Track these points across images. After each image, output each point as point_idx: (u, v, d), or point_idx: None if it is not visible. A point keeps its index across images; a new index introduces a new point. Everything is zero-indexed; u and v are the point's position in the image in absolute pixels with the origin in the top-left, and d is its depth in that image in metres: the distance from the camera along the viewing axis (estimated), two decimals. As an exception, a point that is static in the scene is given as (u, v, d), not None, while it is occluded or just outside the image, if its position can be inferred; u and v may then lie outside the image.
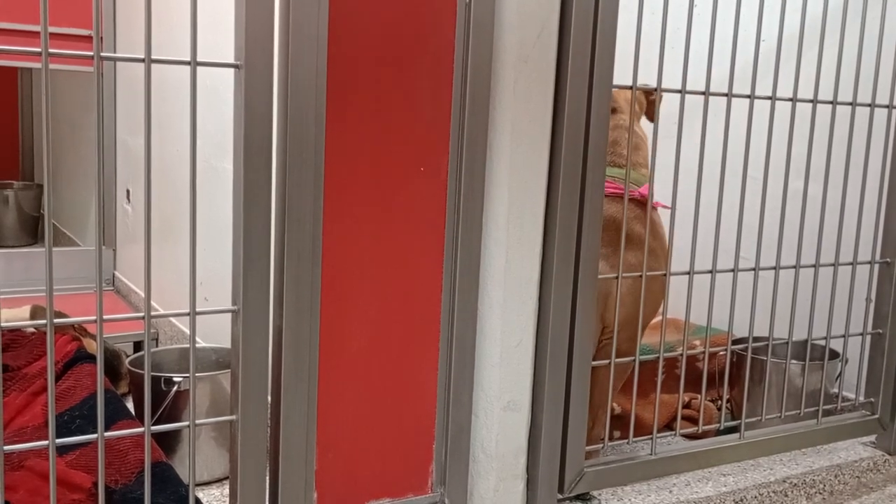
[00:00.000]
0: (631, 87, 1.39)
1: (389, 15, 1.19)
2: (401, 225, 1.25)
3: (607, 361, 1.44)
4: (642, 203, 1.54)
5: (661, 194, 1.62)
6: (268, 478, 1.18)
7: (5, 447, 1.02)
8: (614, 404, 1.79)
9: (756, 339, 1.75)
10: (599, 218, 1.36)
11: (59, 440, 1.05)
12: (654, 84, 1.43)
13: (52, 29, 2.74)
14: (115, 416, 1.62)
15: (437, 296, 1.29)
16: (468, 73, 1.26)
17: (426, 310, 1.28)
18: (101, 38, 3.06)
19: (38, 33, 2.77)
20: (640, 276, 1.47)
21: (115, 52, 3.08)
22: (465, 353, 1.32)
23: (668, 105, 1.54)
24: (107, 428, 1.63)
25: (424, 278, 1.28)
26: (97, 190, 1.11)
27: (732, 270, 1.56)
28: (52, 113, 4.00)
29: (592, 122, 1.34)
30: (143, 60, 1.04)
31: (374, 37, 1.18)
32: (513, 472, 1.36)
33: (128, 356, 2.14)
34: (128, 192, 3.08)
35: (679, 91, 1.43)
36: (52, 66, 0.99)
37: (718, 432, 1.75)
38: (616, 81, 1.36)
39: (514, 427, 1.35)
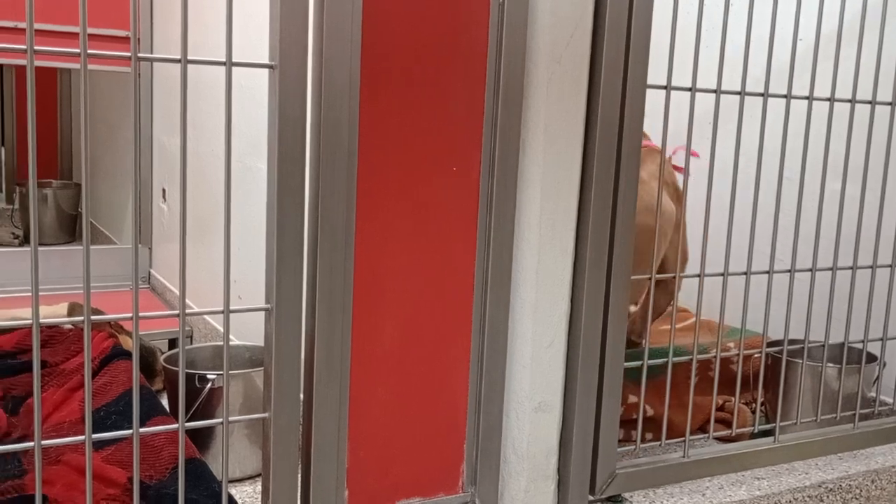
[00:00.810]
0: (665, 87, 1.38)
1: (423, 16, 1.19)
2: (433, 225, 1.25)
3: (640, 363, 1.43)
4: None
5: (695, 196, 1.61)
6: (300, 475, 1.19)
7: (43, 442, 1.04)
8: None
9: (792, 342, 1.73)
10: (632, 218, 1.35)
11: (95, 435, 1.07)
12: (688, 84, 1.42)
13: (90, 30, 2.78)
14: (150, 412, 1.64)
15: (469, 296, 1.29)
16: (501, 74, 1.26)
17: (458, 310, 1.28)
18: (139, 39, 3.10)
19: (76, 34, 2.81)
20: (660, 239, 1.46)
21: (151, 52, 3.12)
22: (496, 353, 1.31)
23: (702, 105, 1.53)
24: (142, 424, 1.65)
25: (456, 278, 1.28)
26: (134, 189, 1.12)
27: (768, 272, 1.54)
28: (89, 113, 4.05)
29: (626, 122, 1.33)
30: (179, 61, 1.06)
31: (407, 37, 1.19)
32: (544, 472, 1.35)
33: (163, 353, 2.17)
34: (163, 191, 3.12)
35: (714, 91, 1.42)
36: (90, 66, 1.01)
37: (753, 435, 1.73)
38: (650, 81, 1.35)
39: (545, 428, 1.34)
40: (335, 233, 1.16)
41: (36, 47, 0.97)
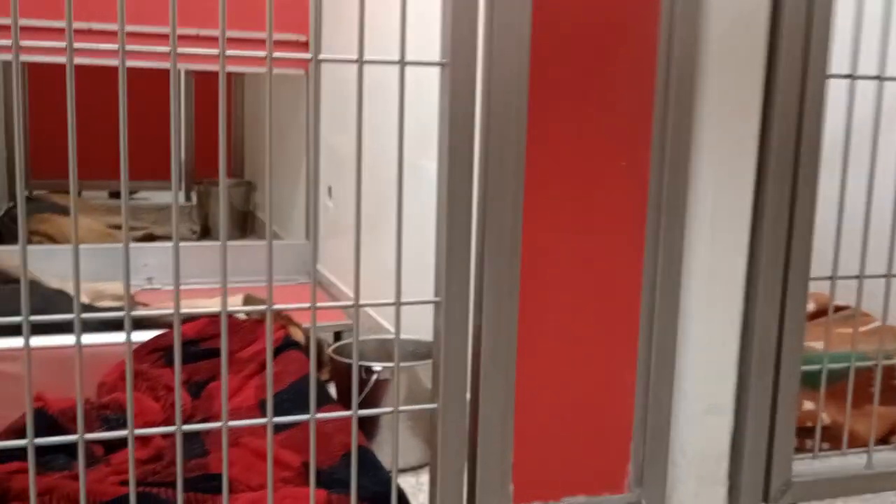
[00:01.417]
0: (849, 77, 1.31)
1: (593, 10, 1.18)
2: (600, 221, 1.24)
3: (817, 367, 1.36)
4: None
5: (882, 194, 1.51)
6: (466, 466, 1.21)
7: (229, 423, 1.10)
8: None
9: None
10: (812, 215, 1.29)
11: (275, 419, 1.13)
12: (874, 72, 1.33)
13: (264, 35, 2.92)
14: (320, 401, 1.70)
15: (637, 293, 1.26)
16: (671, 66, 1.23)
17: (625, 307, 1.26)
18: (312, 42, 3.23)
19: (253, 41, 2.95)
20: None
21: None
22: (665, 352, 1.28)
23: (893, 97, 1.43)
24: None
25: (623, 275, 1.26)
26: (308, 188, 1.17)
27: (962, 274, 1.43)
28: (260, 114, 4.27)
29: (805, 114, 1.27)
30: (356, 61, 1.09)
31: (576, 31, 1.18)
32: (714, 477, 1.31)
33: (329, 345, 2.25)
34: (329, 188, 3.23)
35: (904, 79, 1.33)
36: (258, 69, 1.06)
37: (942, 449, 1.61)
38: (833, 71, 1.28)
39: (716, 431, 1.30)
40: (502, 228, 1.17)
41: (227, 52, 1.03)
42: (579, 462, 1.27)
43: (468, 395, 1.20)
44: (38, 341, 2.09)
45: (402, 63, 1.11)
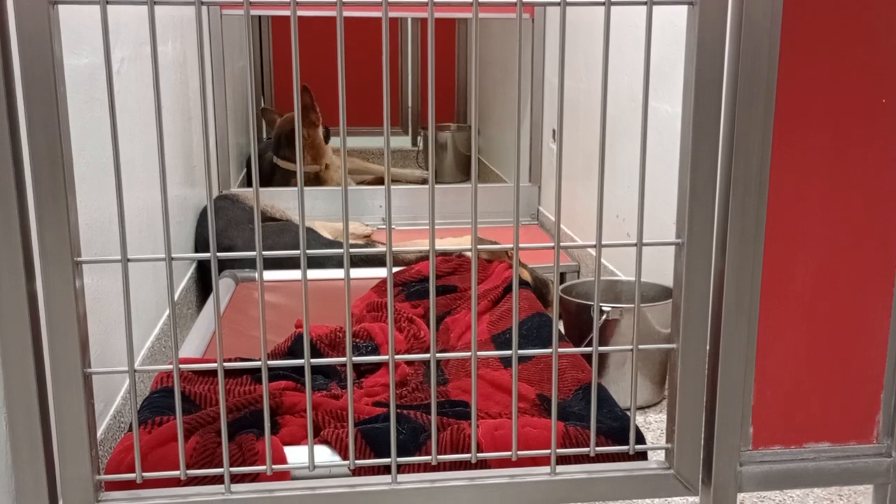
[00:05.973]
0: None
1: (855, -64, 1.12)
2: (855, 162, 1.18)
3: None
4: None
5: None
6: (704, 406, 1.21)
7: (479, 353, 1.18)
8: None
9: None
10: None
11: (521, 351, 1.19)
12: None
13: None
14: (552, 338, 1.75)
15: (894, 236, 1.20)
16: (942, -7, 1.14)
17: (879, 254, 1.21)
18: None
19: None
20: None
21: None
22: (923, 299, 1.22)
23: None
24: (545, 347, 1.78)
25: (879, 220, 1.20)
26: (531, 132, 1.20)
27: None
28: (484, 58, 4.34)
29: None
30: (603, 3, 1.11)
31: (835, -38, 1.12)
32: (973, 433, 1.24)
33: (552, 283, 2.30)
34: (553, 131, 3.26)
35: None
36: (481, 14, 1.09)
37: None
38: None
39: (978, 385, 1.23)
40: (749, 169, 1.15)
41: (436, 0, 1.07)
42: (824, 409, 1.24)
43: (708, 336, 1.20)
44: (292, 274, 2.29)
45: (651, 2, 1.11)
